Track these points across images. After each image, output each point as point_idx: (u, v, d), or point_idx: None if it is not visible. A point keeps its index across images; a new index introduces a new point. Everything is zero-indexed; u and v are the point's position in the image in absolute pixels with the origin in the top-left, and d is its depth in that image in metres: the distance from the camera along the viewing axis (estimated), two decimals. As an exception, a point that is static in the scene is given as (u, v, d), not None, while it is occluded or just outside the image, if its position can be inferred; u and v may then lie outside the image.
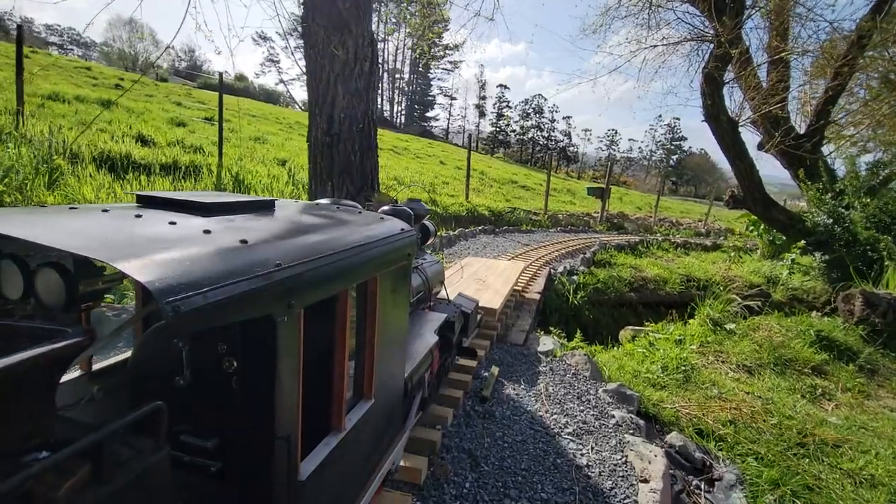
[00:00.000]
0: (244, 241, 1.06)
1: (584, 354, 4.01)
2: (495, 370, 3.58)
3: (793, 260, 11.51)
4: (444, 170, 23.80)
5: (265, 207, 1.47)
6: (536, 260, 8.64)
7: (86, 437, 0.74)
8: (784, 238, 13.58)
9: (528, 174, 36.07)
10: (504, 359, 3.98)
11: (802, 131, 12.39)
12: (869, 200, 10.69)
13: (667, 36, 11.51)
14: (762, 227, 15.71)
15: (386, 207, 2.71)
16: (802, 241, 11.26)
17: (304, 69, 5.71)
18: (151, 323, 1.58)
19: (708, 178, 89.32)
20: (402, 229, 1.79)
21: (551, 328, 5.23)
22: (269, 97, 59.48)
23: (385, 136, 34.98)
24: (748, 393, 4.33)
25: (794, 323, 6.24)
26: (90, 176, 7.57)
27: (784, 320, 6.48)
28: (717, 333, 5.81)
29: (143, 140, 10.99)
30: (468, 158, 13.74)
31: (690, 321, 6.40)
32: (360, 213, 1.87)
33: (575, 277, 8.41)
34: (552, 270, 8.30)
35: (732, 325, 5.87)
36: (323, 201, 2.08)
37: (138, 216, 1.13)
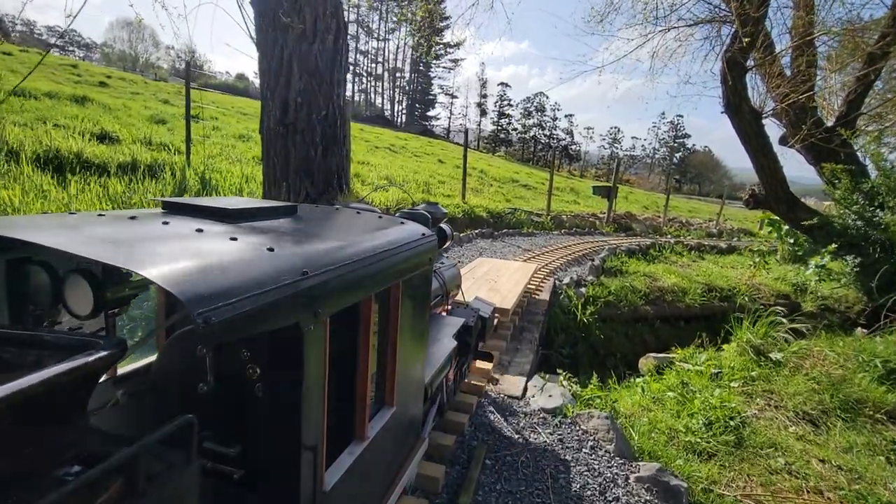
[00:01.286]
0: (271, 249, 1.05)
1: (605, 416, 2.94)
2: (478, 463, 2.52)
3: (823, 266, 10.40)
4: (443, 168, 22.76)
5: (288, 213, 1.48)
6: (539, 269, 7.57)
7: (118, 450, 0.74)
8: (809, 241, 12.47)
9: (531, 173, 34.95)
10: (495, 424, 2.93)
11: (829, 124, 11.26)
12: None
13: (682, 17, 10.39)
14: (783, 228, 14.61)
15: (403, 211, 2.65)
16: (833, 245, 10.16)
17: (256, 43, 4.68)
18: (175, 329, 1.53)
19: (712, 176, 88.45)
20: (423, 234, 1.77)
21: (558, 370, 4.17)
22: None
23: (384, 135, 33.98)
24: (822, 461, 3.26)
25: (851, 349, 5.16)
26: (27, 177, 6.58)
27: (836, 344, 5.40)
28: (761, 365, 4.75)
29: (107, 137, 10.00)
30: (464, 156, 12.69)
31: (725, 347, 5.33)
32: (380, 217, 1.85)
33: (583, 289, 7.35)
34: (557, 282, 7.24)
35: (780, 355, 4.80)
36: (342, 206, 2.03)
37: (165, 223, 1.14)
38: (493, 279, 5.40)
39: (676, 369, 4.85)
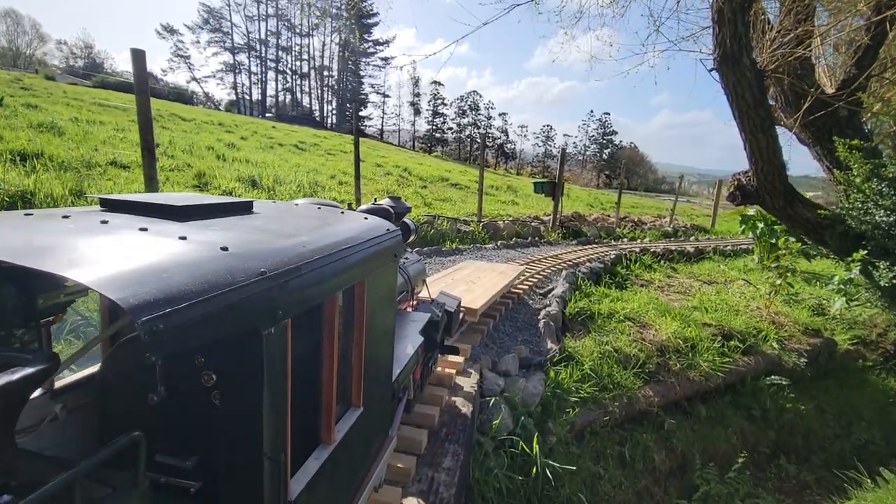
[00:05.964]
0: (224, 248, 0.97)
1: None
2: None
3: (851, 280, 7.65)
4: (360, 167, 18.67)
5: (243, 209, 1.40)
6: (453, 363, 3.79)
7: (55, 476, 0.66)
8: (811, 244, 9.86)
9: (464, 171, 31.53)
10: None
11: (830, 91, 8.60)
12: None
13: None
14: (759, 226, 12.10)
15: (365, 206, 2.62)
16: (863, 252, 7.45)
17: None
18: (120, 336, 1.42)
19: (638, 171, 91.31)
20: (388, 229, 1.71)
21: None
22: (180, 97, 49.77)
23: (297, 133, 29.31)
24: None
25: None
26: None
27: None
28: None
29: None
30: (356, 143, 8.84)
31: None
32: (342, 213, 1.77)
33: (539, 382, 3.76)
34: (481, 386, 3.54)
35: None
36: (301, 201, 1.95)
37: (104, 222, 1.04)
38: (472, 281, 5.01)
39: None
